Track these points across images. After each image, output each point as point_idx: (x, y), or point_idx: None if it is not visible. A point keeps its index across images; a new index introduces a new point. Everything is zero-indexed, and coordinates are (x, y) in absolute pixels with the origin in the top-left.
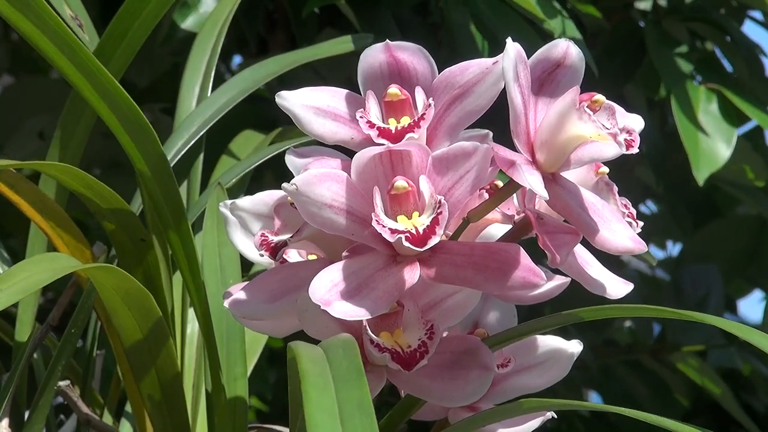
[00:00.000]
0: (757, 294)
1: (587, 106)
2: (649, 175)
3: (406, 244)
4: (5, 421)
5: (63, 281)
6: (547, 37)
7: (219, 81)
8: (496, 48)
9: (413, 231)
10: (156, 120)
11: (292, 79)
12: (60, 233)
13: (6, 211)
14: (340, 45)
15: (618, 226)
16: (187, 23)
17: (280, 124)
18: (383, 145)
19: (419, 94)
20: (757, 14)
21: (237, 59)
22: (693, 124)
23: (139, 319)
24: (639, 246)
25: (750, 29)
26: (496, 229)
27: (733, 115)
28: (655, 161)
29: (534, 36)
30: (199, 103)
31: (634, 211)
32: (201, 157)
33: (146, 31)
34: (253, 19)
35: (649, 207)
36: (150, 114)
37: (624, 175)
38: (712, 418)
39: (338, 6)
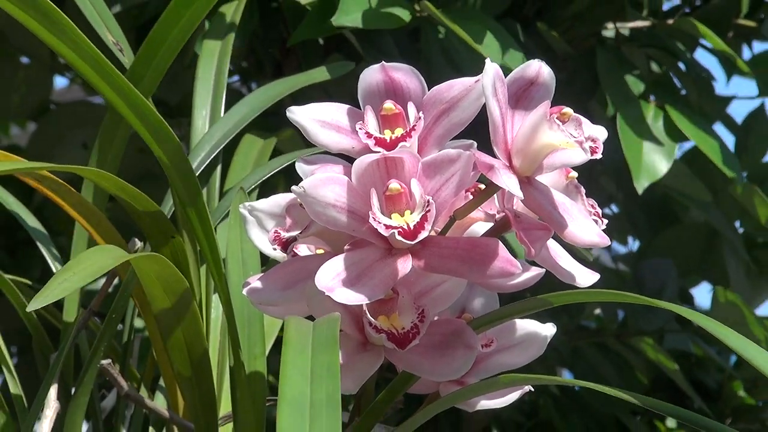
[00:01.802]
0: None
1: (557, 118)
2: (612, 184)
3: (400, 238)
4: (54, 395)
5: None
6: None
7: (240, 99)
8: (461, 75)
9: (405, 227)
10: (186, 133)
11: (304, 96)
12: (99, 231)
13: (55, 214)
14: (325, 71)
15: (585, 223)
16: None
17: (278, 130)
18: (380, 152)
19: (411, 109)
20: (707, 44)
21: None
22: (636, 140)
23: (174, 303)
24: (603, 240)
25: (702, 56)
26: (479, 226)
27: (676, 132)
28: (615, 171)
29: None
30: (211, 120)
31: (599, 211)
32: (219, 166)
33: (171, 55)
34: (268, 46)
35: (612, 210)
36: (179, 129)
37: (590, 183)
38: (668, 393)
39: (344, 33)
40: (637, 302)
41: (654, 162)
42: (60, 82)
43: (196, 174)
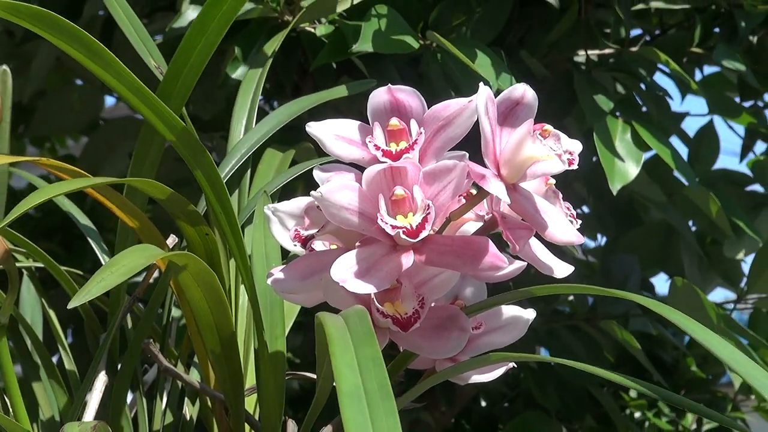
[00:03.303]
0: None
1: (539, 134)
2: (583, 188)
3: (404, 236)
4: (103, 370)
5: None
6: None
7: (264, 115)
8: (460, 95)
9: (409, 227)
10: (217, 145)
11: (319, 113)
12: (141, 228)
13: (104, 213)
14: (339, 91)
15: (563, 224)
16: (237, 73)
17: (296, 143)
18: (386, 163)
19: (413, 125)
20: (665, 68)
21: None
22: (609, 150)
23: (205, 292)
24: (579, 239)
25: (659, 77)
26: (470, 226)
27: (642, 143)
28: (586, 177)
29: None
30: (246, 132)
31: (574, 213)
32: (248, 172)
33: (195, 75)
34: (288, 70)
35: (583, 210)
36: (210, 141)
37: (566, 188)
38: (630, 368)
39: (352, 59)
40: (607, 295)
41: (625, 168)
42: (109, 100)
43: (228, 177)
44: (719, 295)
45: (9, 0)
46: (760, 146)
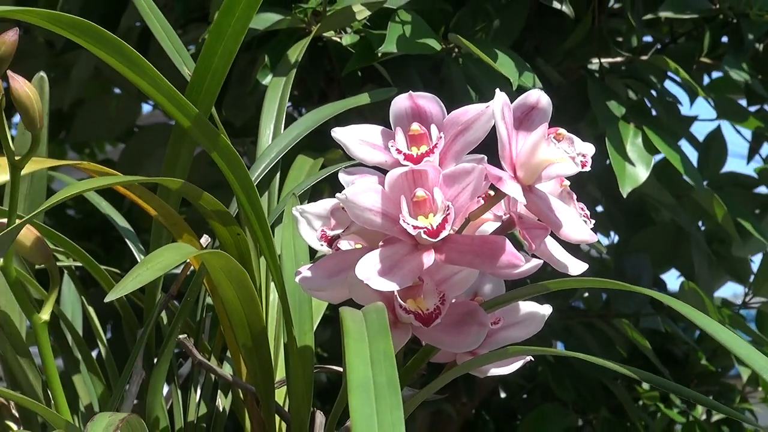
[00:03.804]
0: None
1: (554, 137)
2: (597, 190)
3: (425, 236)
4: (140, 363)
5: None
6: (520, 89)
7: (292, 121)
8: (482, 98)
9: (430, 227)
10: (248, 150)
11: (345, 119)
12: (175, 229)
13: (140, 215)
14: (363, 98)
15: (577, 223)
16: (266, 80)
17: (327, 149)
18: (408, 166)
19: (433, 130)
20: (675, 75)
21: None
22: (621, 154)
23: (237, 289)
24: (592, 237)
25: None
26: (488, 226)
27: (652, 147)
28: (599, 180)
29: (510, 88)
30: (274, 137)
31: (588, 213)
32: (278, 175)
33: (219, 80)
34: (315, 78)
35: (597, 211)
36: (242, 146)
37: (580, 190)
38: (643, 362)
39: (376, 66)
40: (620, 288)
41: (636, 171)
42: (145, 108)
43: (258, 180)
44: (729, 290)
45: (51, 11)
46: (766, 148)
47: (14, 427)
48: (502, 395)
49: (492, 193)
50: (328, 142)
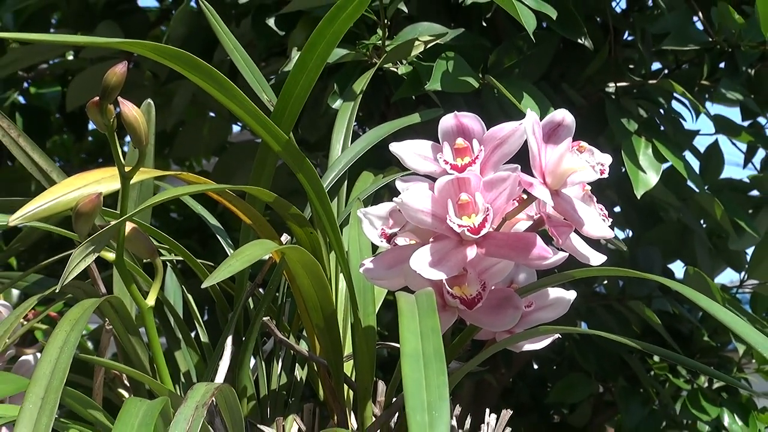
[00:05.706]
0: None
1: (576, 149)
2: (614, 194)
3: (468, 234)
4: (230, 341)
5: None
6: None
7: (357, 138)
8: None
9: (472, 226)
10: (320, 162)
11: (401, 135)
12: (260, 229)
13: (230, 217)
14: (415, 117)
15: (597, 222)
16: (335, 104)
17: (389, 165)
18: (453, 174)
19: (475, 144)
20: (680, 97)
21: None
22: (634, 163)
23: (311, 279)
24: (610, 233)
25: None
26: (522, 224)
27: (660, 157)
28: (616, 185)
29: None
30: (343, 151)
31: (606, 212)
32: (345, 183)
33: (299, 105)
34: (376, 101)
35: (614, 211)
36: (315, 159)
37: (599, 193)
38: (654, 339)
39: (429, 93)
40: (634, 276)
41: (647, 177)
42: (234, 129)
43: (329, 187)
44: (726, 277)
45: (157, 43)
46: (758, 157)
47: (126, 394)
48: (535, 367)
49: (525, 196)
50: (387, 156)
